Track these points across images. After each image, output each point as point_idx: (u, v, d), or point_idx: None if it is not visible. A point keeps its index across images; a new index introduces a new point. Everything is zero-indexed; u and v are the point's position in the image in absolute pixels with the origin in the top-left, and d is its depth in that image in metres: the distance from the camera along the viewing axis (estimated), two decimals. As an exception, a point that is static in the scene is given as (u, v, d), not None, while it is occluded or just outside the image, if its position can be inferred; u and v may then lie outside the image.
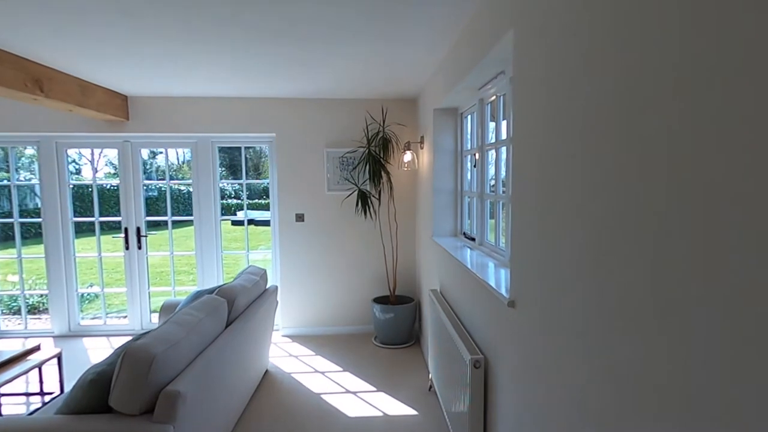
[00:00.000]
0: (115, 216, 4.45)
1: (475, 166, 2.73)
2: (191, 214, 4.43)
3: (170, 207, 4.50)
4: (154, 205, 11.38)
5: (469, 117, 3.09)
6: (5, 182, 4.24)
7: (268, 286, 3.37)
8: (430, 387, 3.11)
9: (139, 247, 4.42)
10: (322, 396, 3.10)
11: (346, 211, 4.28)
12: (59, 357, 3.13)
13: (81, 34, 2.51)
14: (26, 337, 4.34)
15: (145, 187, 4.45)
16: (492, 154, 2.50)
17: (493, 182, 2.53)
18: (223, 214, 4.50)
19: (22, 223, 4.43)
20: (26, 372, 2.83)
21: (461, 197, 3.24)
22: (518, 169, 1.52)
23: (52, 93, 3.04)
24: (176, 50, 2.64)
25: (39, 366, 3.01)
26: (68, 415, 1.70)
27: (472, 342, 2.06)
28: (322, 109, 4.18)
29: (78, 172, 13.79)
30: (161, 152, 8.16)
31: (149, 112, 4.08)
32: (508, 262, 2.05)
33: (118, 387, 1.65)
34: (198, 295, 2.95)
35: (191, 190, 4.40)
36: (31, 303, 5.40)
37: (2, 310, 5.15)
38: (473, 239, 2.83)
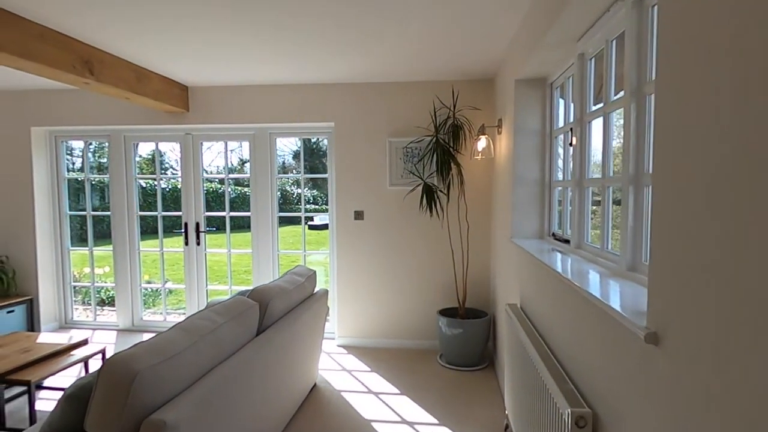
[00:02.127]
0: (177, 212, 4.37)
1: (571, 145, 2.09)
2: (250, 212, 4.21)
3: (228, 202, 4.32)
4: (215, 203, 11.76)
5: (559, 89, 2.45)
6: (99, 177, 4.37)
7: (316, 290, 2.97)
8: (507, 427, 2.47)
9: (198, 244, 4.29)
10: (374, 424, 2.61)
11: (410, 208, 3.77)
12: (103, 353, 2.99)
13: (133, 16, 2.33)
14: (94, 329, 4.39)
15: (205, 189, 4.33)
16: (595, 126, 1.85)
17: (597, 163, 1.87)
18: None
19: (96, 218, 4.51)
20: (66, 367, 2.69)
21: (550, 189, 2.59)
22: (672, 129, 0.91)
23: (104, 77, 2.92)
24: (232, 34, 2.36)
25: (85, 360, 2.88)
26: (45, 435, 1.38)
27: (571, 386, 1.44)
28: (385, 94, 3.73)
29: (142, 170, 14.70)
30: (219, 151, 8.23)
31: (208, 102, 3.93)
32: (623, 272, 1.41)
33: (93, 408, 1.30)
34: (242, 293, 2.61)
35: (249, 192, 4.18)
36: (105, 296, 5.57)
37: (86, 301, 5.36)
38: (566, 241, 2.18)
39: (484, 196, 3.70)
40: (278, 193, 4.22)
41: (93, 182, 4.44)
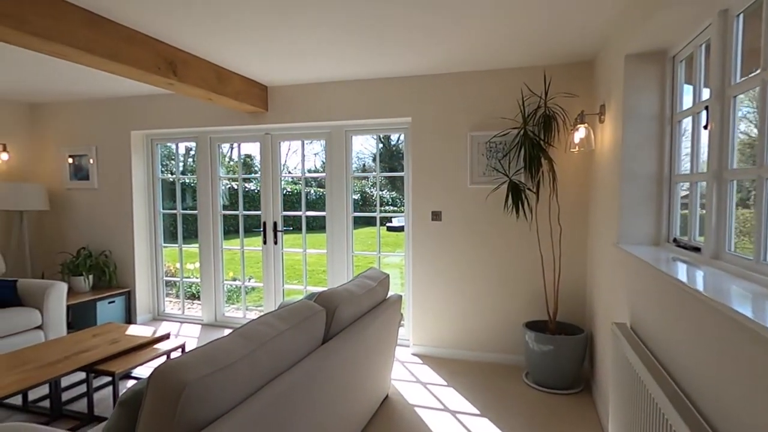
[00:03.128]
0: (256, 211, 4.45)
1: (706, 128, 1.65)
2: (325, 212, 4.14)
3: (304, 202, 4.31)
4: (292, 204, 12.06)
5: (683, 64, 1.99)
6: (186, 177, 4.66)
7: (389, 295, 2.76)
8: (612, 471, 2.06)
9: (276, 243, 4.32)
10: (449, 448, 2.34)
11: (493, 209, 3.43)
12: (183, 348, 3.05)
13: (216, 15, 2.34)
14: (182, 322, 4.62)
15: (288, 190, 4.35)
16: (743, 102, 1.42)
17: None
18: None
19: (187, 216, 4.76)
20: (149, 360, 2.76)
21: (670, 184, 2.13)
22: None
23: (187, 78, 2.99)
24: (309, 29, 2.25)
25: (167, 354, 2.96)
26: (102, 440, 1.32)
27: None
28: (466, 84, 3.43)
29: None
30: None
31: (286, 101, 3.92)
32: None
33: (143, 419, 1.20)
34: (311, 297, 2.50)
35: (325, 192, 4.11)
36: (195, 290, 5.90)
37: (179, 294, 5.72)
38: (695, 249, 1.74)
39: (580, 195, 3.24)
40: (358, 194, 4.11)
41: (186, 183, 4.70)
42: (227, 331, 4.32)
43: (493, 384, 3.10)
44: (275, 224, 4.30)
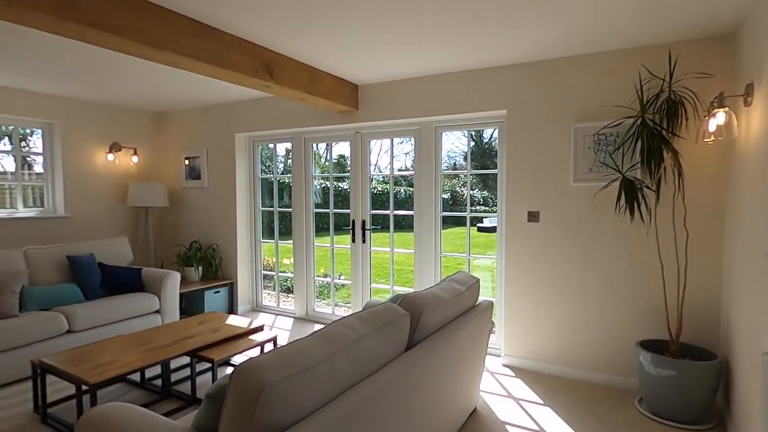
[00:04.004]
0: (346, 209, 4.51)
1: None
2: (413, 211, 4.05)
3: (393, 200, 4.26)
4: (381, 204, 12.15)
5: None
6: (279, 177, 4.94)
7: (479, 301, 2.57)
8: None
9: (364, 241, 4.33)
10: (546, 477, 2.09)
11: (602, 210, 3.04)
12: (275, 341, 3.16)
13: (309, 17, 2.39)
14: (277, 315, 4.86)
15: (378, 190, 4.35)
16: None
17: None
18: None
19: (283, 214, 5.00)
20: (244, 350, 2.90)
21: None
22: None
23: (282, 79, 3.09)
24: (399, 17, 2.19)
25: (261, 345, 3.08)
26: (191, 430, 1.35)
27: None
28: (570, 70, 3.09)
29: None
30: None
31: (375, 99, 3.90)
32: None
33: (225, 416, 1.19)
34: (395, 300, 2.41)
35: (413, 191, 4.02)
36: (290, 284, 6.19)
37: (275, 287, 6.06)
38: None
39: (714, 194, 2.73)
40: (447, 193, 3.96)
41: (283, 182, 4.96)
42: (317, 326, 4.44)
43: (598, 407, 2.74)
44: (363, 223, 4.32)
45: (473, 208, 14.82)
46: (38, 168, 4.58)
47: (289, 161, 5.59)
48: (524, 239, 3.32)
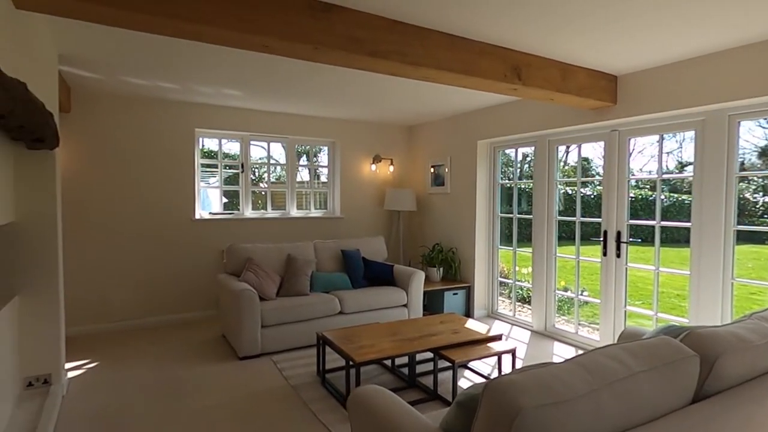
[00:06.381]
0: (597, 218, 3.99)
1: None
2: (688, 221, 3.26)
3: (659, 209, 3.53)
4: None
5: None
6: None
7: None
8: None
9: (618, 255, 3.74)
10: None
11: None
12: (513, 353, 3.04)
13: (563, 12, 2.24)
14: (512, 324, 4.72)
15: (632, 196, 3.73)
16: None
17: None
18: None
19: (521, 220, 4.84)
20: (482, 357, 2.91)
21: None
22: None
23: (530, 80, 2.96)
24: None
25: (498, 355, 3.03)
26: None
27: None
28: None
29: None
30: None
31: (639, 90, 3.31)
32: None
33: (476, 431, 1.16)
34: (668, 331, 1.96)
35: (687, 199, 3.23)
36: (526, 294, 5.92)
37: (510, 295, 5.94)
38: None
39: None
40: (736, 200, 3.04)
41: (521, 188, 4.80)
42: (557, 344, 4.08)
43: None
44: (618, 234, 3.73)
45: (778, 220, 11.02)
46: (323, 178, 5.76)
47: (526, 166, 5.37)
48: None
